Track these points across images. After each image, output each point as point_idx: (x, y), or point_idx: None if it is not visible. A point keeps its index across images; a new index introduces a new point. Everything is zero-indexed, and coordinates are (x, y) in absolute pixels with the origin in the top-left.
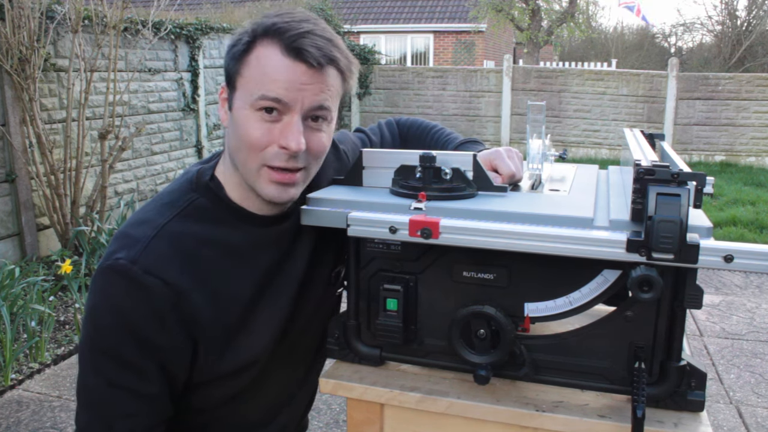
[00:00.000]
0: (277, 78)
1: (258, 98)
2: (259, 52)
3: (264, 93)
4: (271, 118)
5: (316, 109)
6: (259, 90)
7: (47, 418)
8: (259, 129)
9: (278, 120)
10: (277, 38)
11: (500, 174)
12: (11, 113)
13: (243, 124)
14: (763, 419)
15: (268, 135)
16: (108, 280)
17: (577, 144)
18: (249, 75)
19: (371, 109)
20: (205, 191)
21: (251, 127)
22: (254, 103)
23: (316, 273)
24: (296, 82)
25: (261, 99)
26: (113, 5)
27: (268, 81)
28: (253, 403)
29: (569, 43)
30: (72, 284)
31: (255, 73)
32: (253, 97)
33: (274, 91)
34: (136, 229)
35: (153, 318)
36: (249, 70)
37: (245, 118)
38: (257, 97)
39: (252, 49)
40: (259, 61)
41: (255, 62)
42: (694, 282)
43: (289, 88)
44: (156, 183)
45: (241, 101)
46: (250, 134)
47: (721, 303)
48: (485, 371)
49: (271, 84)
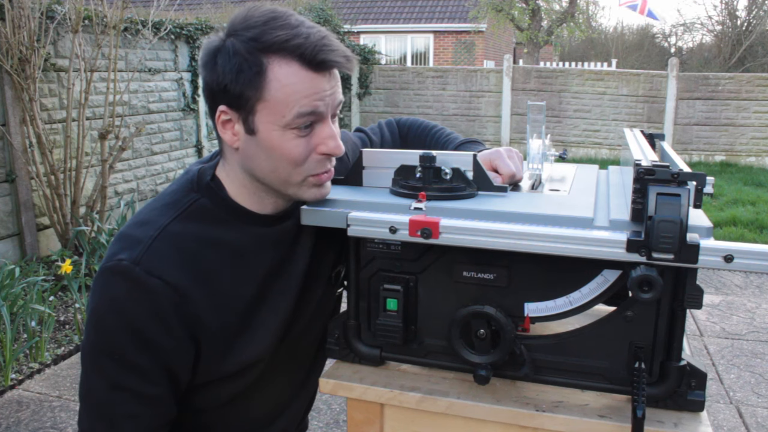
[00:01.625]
0: (308, 93)
1: (295, 117)
2: (277, 73)
3: (299, 111)
4: (306, 132)
5: (338, 107)
6: (293, 109)
7: (47, 418)
8: (298, 146)
9: (311, 131)
10: (291, 54)
11: (500, 174)
12: (11, 113)
13: (279, 146)
14: (763, 419)
15: (307, 148)
16: (110, 281)
17: (577, 144)
18: (273, 97)
19: (371, 109)
20: (206, 191)
21: (290, 146)
22: (290, 122)
23: (317, 273)
24: (324, 90)
25: (298, 117)
26: (113, 5)
27: (300, 98)
28: (255, 403)
29: (569, 43)
30: (72, 284)
31: (281, 94)
32: (287, 118)
33: (310, 105)
34: (138, 230)
35: (156, 319)
36: (271, 92)
37: (280, 139)
38: (293, 116)
39: (266, 70)
40: (281, 82)
41: (276, 83)
42: (694, 282)
43: (321, 98)
44: (156, 183)
45: (270, 123)
46: (291, 153)
47: (721, 303)
48: (485, 371)
49: (303, 100)
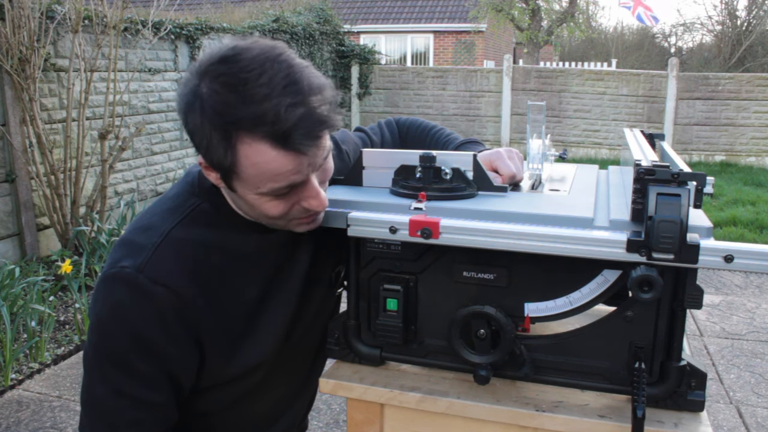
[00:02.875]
0: (282, 172)
1: (268, 191)
2: (247, 151)
3: (272, 187)
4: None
5: (321, 165)
6: (266, 185)
7: (47, 418)
8: (276, 206)
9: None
10: (259, 134)
11: (500, 174)
12: (11, 113)
13: (259, 205)
14: (763, 419)
15: (287, 204)
16: (113, 288)
17: (577, 144)
18: (246, 173)
19: (371, 109)
20: (207, 196)
21: (269, 207)
22: (266, 193)
23: (318, 273)
24: (301, 164)
25: (271, 192)
26: (113, 5)
27: (273, 176)
28: (256, 405)
29: (569, 43)
30: (72, 284)
31: (253, 171)
32: (261, 190)
33: (285, 181)
34: (141, 236)
35: (160, 326)
36: (243, 169)
37: (258, 200)
38: (267, 191)
39: (235, 148)
40: (251, 160)
41: (247, 161)
42: (694, 282)
43: (297, 172)
44: (156, 183)
45: (247, 190)
46: (270, 212)
47: (721, 303)
48: (485, 371)
49: (277, 178)
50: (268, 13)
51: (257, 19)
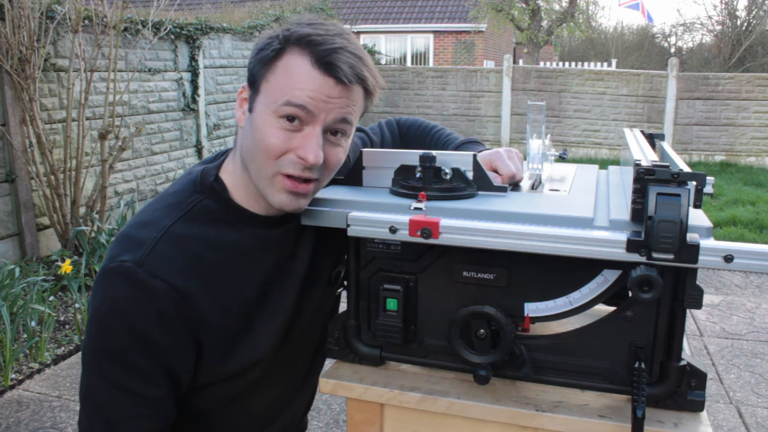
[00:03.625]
0: (305, 87)
1: (282, 104)
2: (289, 60)
3: (289, 99)
4: (292, 127)
5: (339, 122)
6: (285, 96)
7: (47, 418)
8: (278, 136)
9: (299, 130)
10: (308, 49)
11: (500, 174)
12: (11, 113)
13: (262, 128)
14: (763, 419)
15: (286, 143)
16: (113, 282)
17: (577, 144)
18: (275, 81)
19: (371, 109)
20: (209, 192)
21: (270, 133)
22: (278, 109)
23: (317, 273)
24: (323, 94)
25: (285, 105)
26: (113, 5)
27: (295, 88)
28: (254, 403)
29: (569, 43)
30: (72, 284)
31: (282, 79)
32: (277, 103)
33: (300, 98)
34: (141, 231)
35: (158, 321)
36: (276, 76)
37: (265, 122)
38: (282, 102)
39: (281, 55)
40: (287, 69)
41: (283, 69)
42: (694, 282)
43: (316, 98)
44: (156, 183)
45: (264, 105)
46: (268, 139)
47: (721, 303)
48: (485, 371)
49: (297, 91)
50: (268, 13)
51: (257, 19)
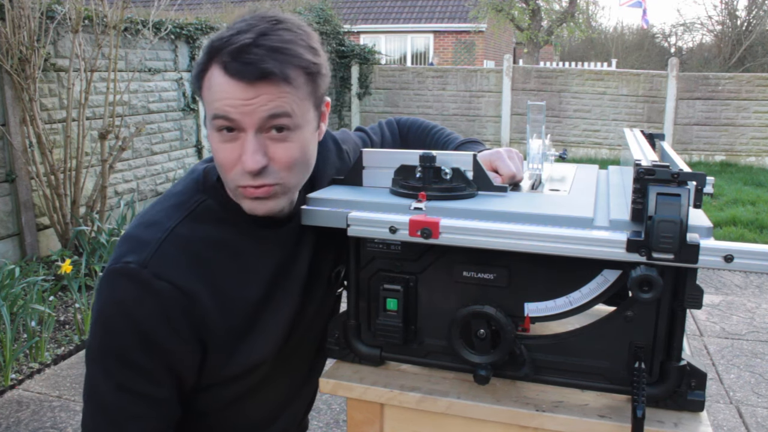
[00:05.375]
0: (222, 96)
1: (212, 118)
2: (211, 73)
3: (214, 112)
4: (230, 137)
5: (273, 119)
6: (212, 110)
7: (47, 418)
8: (223, 150)
9: (236, 139)
10: (218, 57)
11: (500, 174)
12: (11, 113)
13: (212, 145)
14: (763, 419)
15: (231, 156)
16: (117, 283)
17: (577, 144)
18: (205, 96)
19: (371, 109)
20: (212, 192)
21: (217, 148)
22: (212, 123)
23: (318, 273)
24: (238, 98)
25: (214, 119)
26: (113, 5)
27: (215, 100)
28: (256, 404)
29: (569, 43)
30: (72, 284)
31: (207, 93)
32: (209, 118)
33: (221, 109)
34: (146, 232)
35: (163, 321)
36: (204, 90)
37: (212, 138)
38: (211, 116)
39: (207, 69)
40: (209, 82)
41: (207, 83)
42: (694, 282)
43: (233, 105)
44: (156, 183)
45: (207, 122)
46: (218, 155)
47: (721, 303)
48: (485, 371)
49: (218, 102)
50: None
51: None
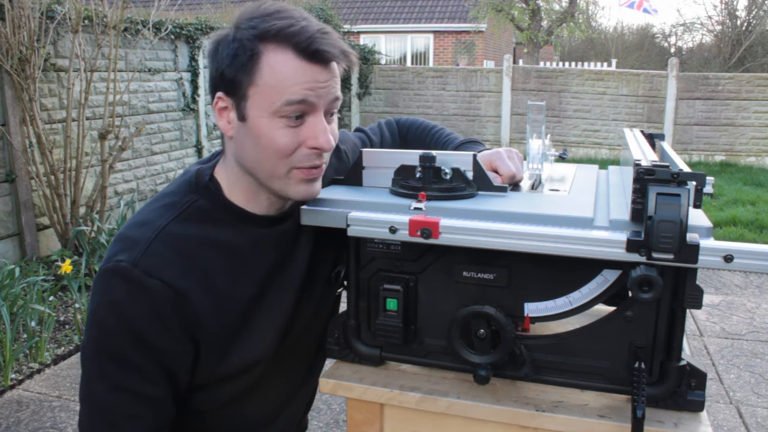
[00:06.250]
0: (299, 81)
1: (283, 104)
2: (271, 59)
3: (288, 98)
4: (296, 123)
5: (333, 102)
6: (282, 96)
7: (47, 418)
8: (285, 135)
9: (301, 123)
10: (286, 42)
11: (500, 175)
12: (11, 113)
13: (266, 133)
14: (763, 419)
15: (295, 139)
16: (109, 282)
17: (577, 144)
18: (265, 83)
19: (371, 109)
20: (204, 192)
21: (277, 135)
22: (279, 110)
23: (317, 273)
24: (317, 82)
25: (286, 105)
26: (113, 5)
27: (289, 85)
28: (254, 404)
29: (569, 43)
30: (72, 284)
31: (272, 80)
32: (275, 105)
33: (299, 93)
34: (137, 231)
35: (155, 320)
36: (263, 78)
37: (267, 126)
38: (282, 103)
39: (260, 56)
40: (273, 69)
41: (269, 70)
42: (694, 282)
43: (312, 88)
44: (156, 183)
45: (259, 110)
46: (277, 142)
47: (721, 303)
48: (485, 371)
49: (293, 87)
50: None
51: None
